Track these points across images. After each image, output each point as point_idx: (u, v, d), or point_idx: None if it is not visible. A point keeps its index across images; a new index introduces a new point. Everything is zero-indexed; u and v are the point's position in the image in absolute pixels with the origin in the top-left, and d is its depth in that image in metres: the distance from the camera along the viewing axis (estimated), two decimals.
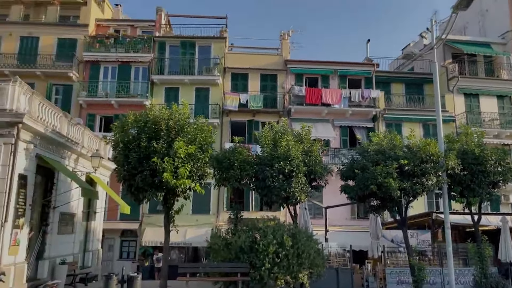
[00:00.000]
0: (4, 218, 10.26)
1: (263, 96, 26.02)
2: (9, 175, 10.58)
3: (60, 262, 13.24)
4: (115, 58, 26.02)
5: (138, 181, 12.04)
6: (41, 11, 27.68)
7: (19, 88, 11.15)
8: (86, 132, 16.16)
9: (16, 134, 10.76)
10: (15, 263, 10.77)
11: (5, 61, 25.66)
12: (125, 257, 23.76)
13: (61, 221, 13.90)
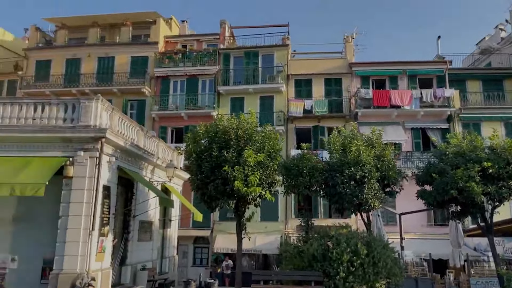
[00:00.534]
0: (91, 226, 11.03)
1: (328, 101, 25.67)
2: (95, 187, 11.37)
3: (140, 268, 13.97)
4: (183, 72, 27.19)
5: (211, 190, 12.40)
6: (116, 32, 29.76)
7: (101, 105, 12.01)
8: (160, 144, 16.98)
9: (100, 148, 11.55)
10: (102, 269, 11.52)
11: (85, 81, 27.90)
12: (198, 264, 24.53)
13: (141, 229, 14.68)
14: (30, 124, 11.68)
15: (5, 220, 11.57)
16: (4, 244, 11.39)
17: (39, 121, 11.81)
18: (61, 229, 10.94)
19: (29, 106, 11.94)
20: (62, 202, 11.14)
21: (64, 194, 11.22)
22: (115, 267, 12.88)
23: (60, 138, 11.48)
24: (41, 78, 28.42)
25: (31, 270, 11.17)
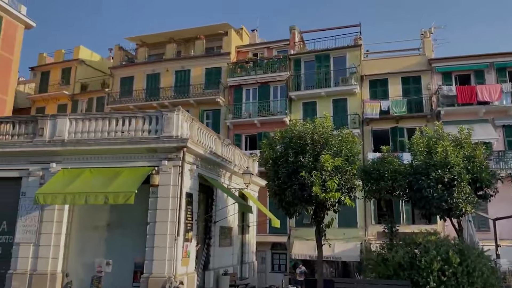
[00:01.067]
0: (177, 232, 11.53)
1: (406, 100, 24.42)
2: (179, 194, 11.89)
3: (223, 273, 14.31)
4: (255, 80, 27.61)
5: (288, 195, 12.34)
6: (190, 46, 31.16)
7: (181, 116, 12.57)
8: (236, 151, 17.35)
9: (182, 157, 12.08)
10: (187, 273, 11.98)
11: (164, 94, 29.51)
12: (276, 270, 24.57)
13: (221, 234, 15.07)
14: (119, 137, 12.56)
15: (100, 227, 12.52)
16: (100, 249, 12.31)
17: (127, 134, 12.66)
18: (150, 235, 11.56)
19: (118, 120, 12.85)
20: (150, 209, 11.79)
21: (151, 201, 11.87)
22: (199, 271, 13.32)
23: (146, 149, 12.19)
24: (125, 94, 30.60)
25: (123, 273, 11.93)
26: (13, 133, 13.36)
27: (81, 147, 12.44)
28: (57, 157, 12.68)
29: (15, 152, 12.85)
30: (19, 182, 12.88)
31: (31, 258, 12.04)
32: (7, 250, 12.47)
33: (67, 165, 12.62)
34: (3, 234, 12.77)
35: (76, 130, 12.90)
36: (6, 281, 11.99)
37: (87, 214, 12.66)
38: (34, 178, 12.68)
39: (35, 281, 11.79)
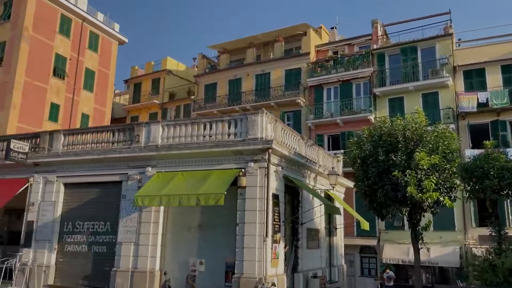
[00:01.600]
0: (265, 233, 11.55)
1: (508, 90, 22.04)
2: (265, 195, 11.91)
3: (312, 275, 14.05)
4: (336, 79, 26.96)
5: (380, 196, 11.73)
6: (269, 49, 31.44)
7: (265, 118, 12.60)
8: (320, 152, 16.99)
9: (267, 158, 12.09)
10: (277, 275, 11.93)
11: (245, 98, 30.09)
12: (366, 274, 23.63)
13: (308, 236, 14.82)
14: (207, 141, 12.96)
15: (192, 227, 13.02)
16: (193, 249, 12.80)
17: (214, 137, 13.01)
18: (239, 236, 11.73)
19: (205, 124, 13.28)
20: (238, 210, 11.97)
21: (239, 203, 12.04)
22: (288, 273, 13.21)
23: (233, 151, 12.41)
24: (209, 100, 31.79)
25: (215, 273, 12.25)
26: (113, 141, 14.48)
27: (173, 152, 13.05)
28: (152, 161, 13.46)
29: (115, 158, 13.90)
30: (119, 185, 13.90)
31: (132, 256, 12.91)
32: (111, 249, 13.51)
33: (161, 169, 13.33)
34: (107, 234, 13.86)
35: (168, 136, 13.59)
36: (111, 277, 12.98)
37: (180, 215, 13.25)
38: (132, 181, 13.60)
39: (136, 278, 12.60)
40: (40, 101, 28.33)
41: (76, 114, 31.09)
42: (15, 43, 27.31)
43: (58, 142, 15.12)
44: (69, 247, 14.27)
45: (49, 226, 14.46)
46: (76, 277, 13.88)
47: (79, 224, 14.33)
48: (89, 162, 14.35)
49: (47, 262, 14.15)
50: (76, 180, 14.67)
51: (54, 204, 14.61)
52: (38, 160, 14.96)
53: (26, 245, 14.58)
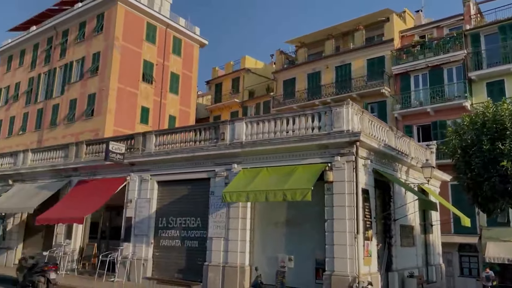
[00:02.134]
0: (356, 229, 11.04)
1: None
2: (355, 190, 11.39)
3: (408, 275, 13.19)
4: (424, 65, 25.15)
5: (486, 190, 10.57)
6: (349, 39, 30.35)
7: (351, 109, 12.04)
8: (411, 143, 15.91)
9: (355, 152, 11.54)
10: (370, 273, 11.35)
11: (325, 91, 29.38)
12: (466, 274, 21.74)
13: (402, 233, 13.95)
14: (290, 136, 12.75)
15: (280, 223, 12.92)
16: (281, 244, 12.70)
17: (298, 132, 12.76)
18: (328, 232, 11.37)
19: (288, 119, 13.08)
20: (326, 206, 11.61)
21: (326, 198, 11.67)
22: (382, 272, 12.53)
23: (317, 145, 12.05)
24: (288, 95, 31.60)
25: (305, 269, 12.02)
26: (199, 139, 14.93)
27: (257, 148, 13.06)
28: (237, 158, 13.62)
29: (202, 155, 14.31)
30: (207, 182, 14.29)
31: (222, 251, 13.19)
32: (203, 244, 13.95)
33: (246, 165, 13.43)
34: (199, 229, 14.33)
35: (252, 132, 13.64)
36: (204, 271, 13.39)
37: (267, 211, 13.23)
38: (219, 178, 13.89)
39: (227, 272, 12.84)
40: (132, 105, 30.44)
41: (164, 116, 32.92)
42: (108, 53, 29.64)
43: (151, 142, 16.00)
44: (164, 241, 15.03)
45: (145, 221, 15.37)
46: (171, 270, 14.57)
47: (172, 219, 15.02)
48: (178, 161, 14.96)
49: (145, 256, 15.05)
50: (167, 178, 15.38)
51: (149, 201, 15.48)
52: (134, 160, 15.95)
53: (126, 239, 15.64)
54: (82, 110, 30.32)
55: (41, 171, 19.27)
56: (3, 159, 21.74)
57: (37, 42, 35.90)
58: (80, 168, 17.92)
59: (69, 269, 16.65)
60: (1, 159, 21.91)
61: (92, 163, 17.32)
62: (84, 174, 17.88)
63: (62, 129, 31.32)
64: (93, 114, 29.41)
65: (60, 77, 33.14)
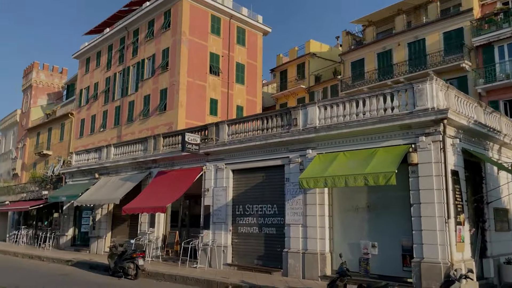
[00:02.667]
0: (447, 214, 10.29)
1: None
2: (443, 172, 10.60)
3: (505, 261, 12.13)
4: (509, 34, 22.79)
5: None
6: (421, 12, 28.42)
7: (436, 85, 11.17)
8: (502, 119, 14.53)
9: (442, 130, 10.70)
10: (463, 260, 10.56)
11: (398, 70, 27.84)
12: None
13: (496, 217, 12.83)
14: (368, 117, 12.16)
15: (360, 209, 12.44)
16: (363, 230, 12.25)
17: (376, 113, 12.14)
18: (415, 217, 10.73)
19: (365, 100, 12.48)
20: (411, 190, 10.96)
21: (411, 181, 11.01)
22: (476, 259, 11.62)
23: (399, 126, 11.37)
24: (357, 77, 30.47)
25: (391, 256, 11.48)
26: (272, 126, 14.83)
27: (332, 132, 12.65)
28: (312, 143, 13.33)
29: (275, 142, 14.20)
30: (282, 169, 14.18)
31: (301, 238, 13.05)
32: (280, 231, 13.92)
33: (321, 150, 13.10)
34: (275, 216, 14.32)
35: (325, 116, 13.25)
36: (283, 258, 13.37)
37: (345, 196, 12.83)
38: (294, 164, 13.71)
39: (307, 259, 12.70)
40: (202, 98, 31.21)
41: (232, 107, 33.38)
42: (176, 48, 30.56)
43: (224, 132, 16.22)
44: (242, 228, 15.24)
45: (223, 209, 15.68)
46: (250, 257, 14.75)
47: (249, 207, 15.16)
48: (252, 148, 15.00)
49: (224, 243, 15.38)
50: (242, 166, 15.52)
51: (226, 189, 15.75)
52: (208, 150, 16.29)
53: (205, 227, 16.09)
54: (155, 105, 31.68)
55: (123, 164, 20.46)
56: (89, 155, 23.41)
57: (111, 43, 38.03)
58: (158, 160, 18.71)
59: (154, 256, 17.54)
60: (87, 154, 23.61)
61: (170, 155, 17.99)
62: (162, 165, 18.65)
63: (138, 124, 33.01)
64: (166, 108, 30.57)
65: (133, 75, 34.88)
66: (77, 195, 20.90)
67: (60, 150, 41.12)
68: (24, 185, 33.60)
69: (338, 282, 8.78)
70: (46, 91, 51.34)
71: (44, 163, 42.28)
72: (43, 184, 29.39)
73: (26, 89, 51.53)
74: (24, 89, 51.93)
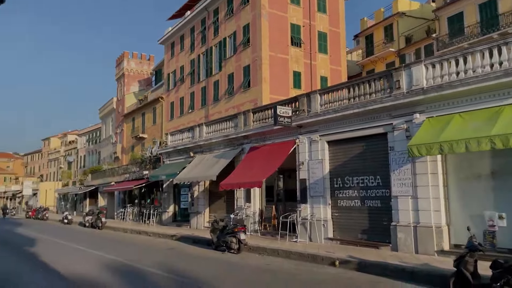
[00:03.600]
0: None
1: None
2: None
3: None
4: None
5: None
6: None
7: None
8: None
9: None
10: None
11: (505, 20, 24.49)
12: None
13: None
14: (489, 71, 10.59)
15: (483, 176, 11.02)
16: (486, 201, 10.84)
17: (498, 66, 10.52)
18: None
19: (483, 52, 10.94)
20: None
21: None
22: None
23: None
24: (455, 34, 27.49)
25: None
26: (370, 92, 13.75)
27: (445, 92, 11.27)
28: (419, 106, 12.08)
29: (375, 109, 13.15)
30: (384, 137, 13.13)
31: (411, 210, 12.03)
32: (386, 203, 12.99)
33: (430, 114, 11.81)
34: (379, 188, 13.39)
35: (434, 75, 11.87)
36: (391, 232, 12.48)
37: (463, 163, 11.45)
38: (399, 131, 12.58)
39: (420, 233, 11.68)
40: (284, 71, 30.56)
41: (316, 78, 32.29)
42: (256, 22, 30.06)
43: (316, 102, 15.49)
44: (342, 202, 14.57)
45: (320, 182, 15.11)
46: (353, 231, 14.07)
47: (348, 179, 14.39)
48: (348, 118, 14.12)
49: (324, 217, 14.87)
50: (338, 137, 14.72)
51: (321, 161, 15.12)
52: (301, 122, 15.71)
53: (302, 201, 15.70)
54: (239, 82, 31.76)
55: (215, 141, 20.78)
56: (183, 134, 24.22)
57: (192, 26, 38.78)
58: (250, 136, 18.63)
59: (252, 230, 17.67)
60: (181, 134, 24.46)
61: (261, 130, 17.77)
62: (254, 141, 18.54)
63: (224, 103, 33.48)
64: (250, 85, 30.49)
65: (216, 54, 35.26)
66: (176, 173, 21.79)
67: (154, 132, 43.58)
68: (126, 167, 36.24)
69: (468, 257, 7.75)
70: (137, 78, 54.50)
71: (141, 145, 45.22)
72: (143, 165, 31.35)
73: (119, 78, 55.20)
74: (118, 78, 55.66)
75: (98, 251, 14.94)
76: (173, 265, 11.82)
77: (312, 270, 10.79)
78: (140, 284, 9.41)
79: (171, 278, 10.01)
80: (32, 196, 64.88)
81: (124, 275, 10.43)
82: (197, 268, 11.42)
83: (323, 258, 11.89)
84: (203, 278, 9.76)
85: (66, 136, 78.20)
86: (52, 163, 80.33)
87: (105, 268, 11.38)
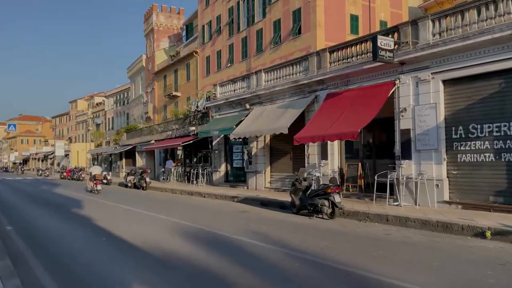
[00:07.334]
0: None
1: None
2: None
3: None
4: None
5: None
6: None
7: None
8: None
9: None
10: None
11: None
12: None
13: None
14: None
15: None
16: None
17: None
18: None
19: None
20: None
21: None
22: None
23: None
24: None
25: None
26: None
27: None
28: None
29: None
30: None
31: None
32: None
33: None
34: None
35: None
36: None
37: None
38: None
39: None
40: (340, 15, 26.86)
41: (374, 22, 28.51)
42: None
43: (426, 31, 12.17)
44: (464, 156, 11.50)
45: (431, 133, 12.04)
46: (482, 192, 11.08)
47: (475, 127, 11.25)
48: (479, 47, 10.81)
49: (437, 175, 11.90)
50: (460, 74, 11.48)
51: (434, 106, 11.98)
52: (405, 57, 12.48)
53: (404, 156, 12.72)
54: (287, 29, 28.21)
55: (279, 90, 17.75)
56: (235, 85, 21.25)
57: None
58: (326, 80, 15.53)
59: None
60: (233, 85, 21.49)
61: (343, 71, 14.61)
62: (332, 86, 15.45)
63: (269, 54, 30.12)
64: (301, 32, 26.96)
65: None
66: (231, 128, 19.02)
67: (188, 90, 40.77)
68: (166, 124, 33.70)
69: None
70: (167, 34, 51.20)
71: (174, 104, 42.61)
72: (187, 121, 28.67)
73: (148, 34, 51.99)
74: (147, 34, 52.46)
75: (159, 214, 12.50)
76: (262, 233, 9.23)
77: (461, 244, 7.98)
78: (249, 258, 6.77)
79: (274, 250, 7.42)
80: (64, 157, 63.99)
81: (216, 247, 7.82)
82: (294, 236, 8.84)
83: (462, 226, 9.03)
84: (312, 251, 7.07)
85: (93, 98, 76.39)
86: (80, 125, 79.20)
87: (184, 236, 8.84)
